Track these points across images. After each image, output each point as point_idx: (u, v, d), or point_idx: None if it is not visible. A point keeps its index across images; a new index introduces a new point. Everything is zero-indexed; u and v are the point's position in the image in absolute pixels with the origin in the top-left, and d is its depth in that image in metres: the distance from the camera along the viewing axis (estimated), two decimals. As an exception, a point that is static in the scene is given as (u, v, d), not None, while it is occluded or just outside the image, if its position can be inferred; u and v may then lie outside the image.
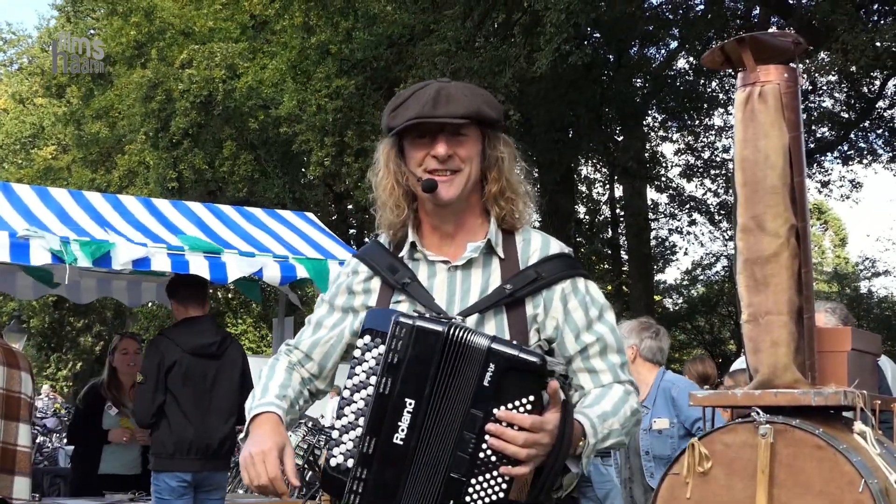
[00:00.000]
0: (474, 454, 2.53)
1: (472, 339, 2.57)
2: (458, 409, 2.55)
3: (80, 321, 35.88)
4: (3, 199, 7.65)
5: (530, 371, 2.53)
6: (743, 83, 4.57)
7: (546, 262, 2.89)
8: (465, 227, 2.95)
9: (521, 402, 2.53)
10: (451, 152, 2.87)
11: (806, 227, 4.50)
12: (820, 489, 4.06)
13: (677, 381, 6.61)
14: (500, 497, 2.53)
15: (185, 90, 19.55)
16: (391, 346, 2.61)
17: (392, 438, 2.57)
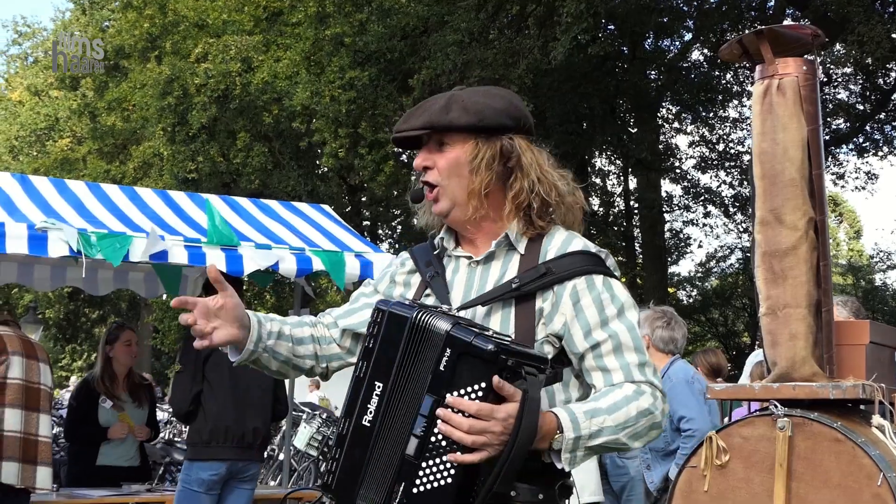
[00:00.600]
0: (426, 438, 2.54)
1: (433, 324, 2.58)
2: (418, 392, 2.57)
3: (94, 312, 35.98)
4: (21, 191, 7.68)
5: (482, 358, 2.51)
6: (761, 76, 4.56)
7: (561, 258, 2.86)
8: (483, 230, 2.96)
9: (472, 388, 2.52)
10: (428, 164, 2.92)
11: (824, 219, 4.49)
12: (838, 482, 4.06)
13: (675, 373, 6.59)
14: (447, 483, 2.52)
15: (201, 85, 19.56)
16: (369, 331, 2.69)
17: (362, 420, 2.63)
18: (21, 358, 6.98)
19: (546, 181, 2.92)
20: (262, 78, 18.78)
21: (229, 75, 19.35)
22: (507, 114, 2.93)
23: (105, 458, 8.09)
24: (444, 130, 2.89)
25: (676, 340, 6.76)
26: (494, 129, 2.90)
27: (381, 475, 2.58)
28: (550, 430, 2.60)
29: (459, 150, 2.89)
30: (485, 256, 2.92)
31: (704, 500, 4.36)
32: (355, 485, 2.63)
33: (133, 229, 7.42)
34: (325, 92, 17.48)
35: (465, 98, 2.93)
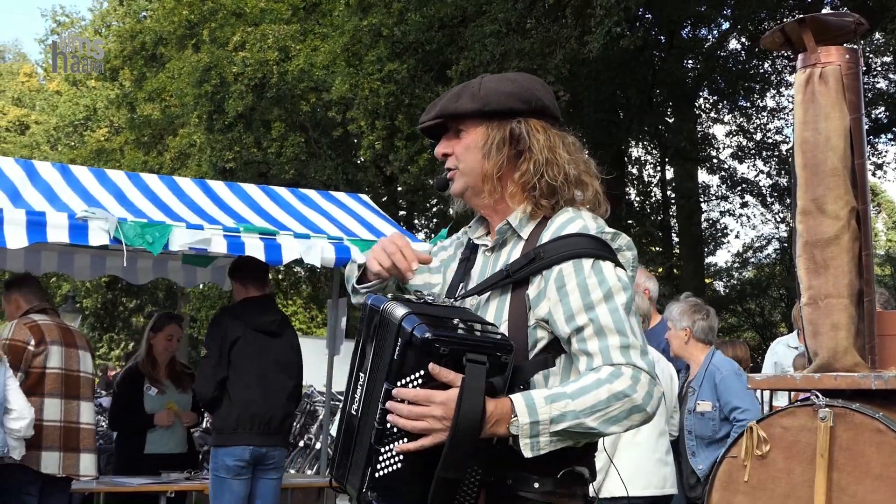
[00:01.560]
0: (382, 425, 2.60)
1: (392, 313, 2.64)
2: (380, 381, 2.63)
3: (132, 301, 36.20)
4: (61, 180, 7.73)
5: (419, 347, 2.55)
6: (803, 64, 4.54)
7: (554, 241, 2.83)
8: (497, 212, 3.02)
9: (413, 376, 2.57)
10: (447, 151, 3.01)
11: (867, 209, 4.47)
12: (879, 473, 4.04)
13: (722, 365, 6.62)
14: (399, 468, 2.59)
15: (238, 73, 19.62)
16: (360, 325, 2.78)
17: (350, 409, 2.73)
18: (60, 347, 7.03)
19: (556, 164, 2.92)
20: (298, 66, 18.81)
21: (266, 64, 19.39)
22: (516, 97, 2.95)
23: (152, 445, 8.15)
24: (451, 118, 2.98)
25: (714, 330, 6.81)
26: (503, 113, 2.94)
27: (359, 461, 2.66)
28: (505, 414, 2.58)
29: (472, 136, 2.96)
30: (495, 244, 2.99)
31: (744, 491, 4.35)
32: (345, 470, 2.73)
33: (172, 218, 7.46)
34: (364, 84, 17.49)
35: (479, 85, 2.99)
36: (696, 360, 6.69)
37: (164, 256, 9.23)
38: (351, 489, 2.69)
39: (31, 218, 6.77)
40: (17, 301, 7.25)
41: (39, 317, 7.10)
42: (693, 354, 6.70)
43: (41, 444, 6.85)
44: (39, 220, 6.79)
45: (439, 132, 3.05)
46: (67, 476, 7.07)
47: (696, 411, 6.51)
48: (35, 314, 7.13)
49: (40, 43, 42.38)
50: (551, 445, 2.61)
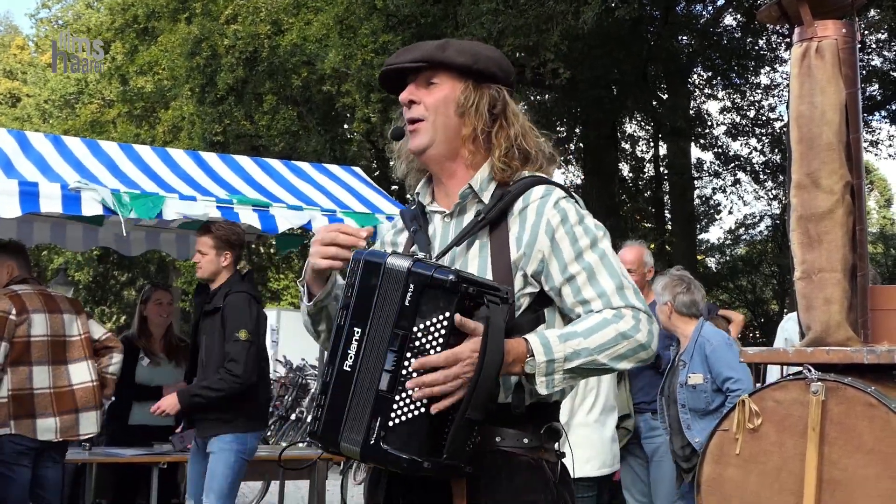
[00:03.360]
0: (396, 371, 2.59)
1: (398, 264, 2.65)
2: (387, 330, 2.62)
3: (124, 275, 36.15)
4: (54, 151, 7.71)
5: (444, 288, 2.57)
6: (800, 38, 4.53)
7: (516, 182, 2.91)
8: (455, 176, 2.99)
9: (437, 318, 2.58)
10: (415, 98, 2.94)
11: (861, 183, 4.47)
12: (871, 447, 4.05)
13: (712, 336, 6.64)
14: (421, 412, 2.58)
15: (230, 46, 19.53)
16: (348, 281, 2.75)
17: (343, 366, 2.69)
18: (43, 314, 7.03)
19: (529, 135, 2.96)
20: (290, 40, 18.73)
21: (258, 37, 19.31)
22: (497, 63, 2.97)
23: (140, 417, 8.14)
24: (439, 66, 2.92)
25: (697, 303, 6.83)
26: (486, 76, 2.93)
27: (360, 414, 2.63)
28: (521, 354, 2.63)
29: (449, 90, 2.92)
30: (456, 210, 2.96)
31: (736, 463, 4.36)
32: (339, 428, 2.68)
33: (166, 189, 7.45)
34: (358, 56, 17.42)
35: (461, 42, 2.98)
36: (683, 333, 6.71)
37: (156, 228, 9.22)
38: (350, 446, 2.66)
39: (24, 188, 6.76)
40: (9, 267, 7.23)
41: (20, 287, 7.09)
42: (679, 328, 6.73)
43: (34, 412, 6.87)
44: (32, 191, 6.79)
45: (398, 81, 3.01)
46: (65, 440, 7.09)
47: (687, 384, 6.53)
48: (16, 285, 7.12)
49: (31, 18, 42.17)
50: (564, 382, 2.69)
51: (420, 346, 2.59)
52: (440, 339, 2.58)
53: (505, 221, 2.86)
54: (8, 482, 6.84)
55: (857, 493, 4.04)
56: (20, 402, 6.82)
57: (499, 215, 2.85)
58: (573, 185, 28.63)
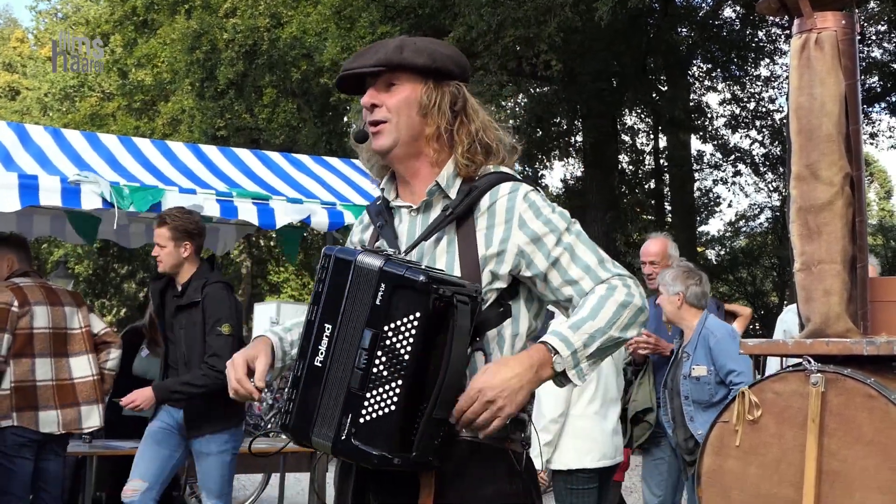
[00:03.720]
0: (367, 370, 2.64)
1: (369, 262, 2.70)
2: (359, 328, 2.67)
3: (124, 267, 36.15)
4: (54, 144, 7.71)
5: (414, 289, 2.62)
6: (799, 30, 4.53)
7: (481, 178, 2.96)
8: (419, 175, 3.02)
9: (408, 318, 2.63)
10: (376, 102, 2.95)
11: (860, 175, 4.46)
12: (871, 438, 4.05)
13: (716, 329, 6.63)
14: (391, 409, 2.62)
15: (229, 40, 19.52)
16: (318, 277, 2.80)
17: (314, 361, 2.75)
18: (45, 307, 7.03)
19: (490, 128, 3.00)
20: (290, 33, 18.72)
21: (257, 30, 19.30)
22: (453, 60, 3.00)
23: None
24: (398, 69, 2.94)
25: (707, 295, 6.83)
26: (444, 74, 2.96)
27: (331, 410, 2.69)
28: (546, 358, 2.71)
29: (409, 91, 2.94)
30: (422, 205, 2.99)
31: (736, 455, 4.37)
32: (310, 423, 2.73)
33: (165, 183, 7.44)
34: (356, 47, 17.41)
35: (417, 42, 2.99)
36: (689, 325, 6.70)
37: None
38: (321, 440, 2.71)
39: (24, 181, 6.76)
40: (10, 260, 7.23)
41: (21, 280, 7.10)
42: (685, 319, 6.72)
43: (37, 405, 6.88)
44: (32, 184, 6.78)
45: (354, 87, 3.03)
46: (68, 433, 7.09)
47: (691, 376, 6.52)
48: (17, 277, 7.12)
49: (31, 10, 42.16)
50: (591, 368, 2.78)
51: (391, 346, 2.64)
52: (411, 338, 2.63)
53: (472, 217, 2.91)
54: (9, 474, 6.85)
55: (857, 483, 4.05)
56: (23, 394, 6.82)
57: (466, 211, 2.90)
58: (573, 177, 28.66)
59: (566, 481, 6.39)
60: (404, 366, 2.62)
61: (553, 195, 30.14)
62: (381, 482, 2.83)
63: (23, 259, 7.26)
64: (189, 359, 6.56)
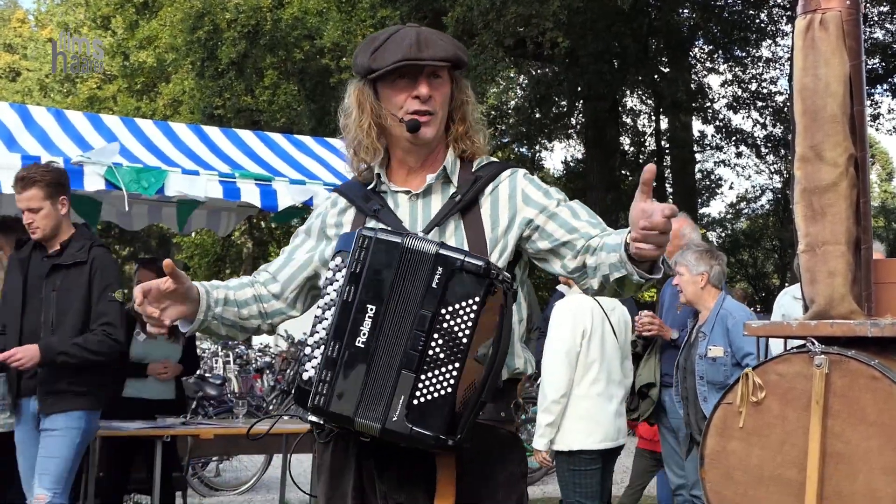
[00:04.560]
0: (423, 352, 2.68)
1: (423, 246, 2.74)
2: (411, 310, 2.71)
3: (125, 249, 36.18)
4: (56, 125, 7.70)
5: (474, 273, 2.69)
6: (804, 10, 4.51)
7: (482, 167, 3.08)
8: (427, 161, 3.09)
9: (466, 302, 2.69)
10: (430, 94, 3.00)
11: (865, 156, 4.45)
12: (874, 419, 4.05)
13: (734, 310, 6.62)
14: (447, 392, 2.67)
15: (232, 20, 19.48)
16: (354, 258, 2.78)
17: (355, 342, 2.73)
18: None
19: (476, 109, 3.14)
20: (291, 14, 18.69)
21: (259, 10, 19.26)
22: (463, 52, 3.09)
23: (137, 390, 8.11)
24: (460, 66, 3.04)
25: (725, 275, 6.83)
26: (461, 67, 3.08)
27: (380, 392, 2.70)
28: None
29: (446, 84, 3.04)
30: (424, 190, 3.05)
31: (739, 436, 4.37)
32: (354, 404, 2.72)
33: (167, 163, 7.44)
34: (357, 31, 17.39)
35: (449, 38, 3.08)
36: (706, 305, 6.67)
37: (158, 202, 9.20)
38: (368, 422, 2.70)
39: (26, 163, 6.75)
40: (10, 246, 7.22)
41: None
42: (705, 300, 6.68)
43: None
44: (34, 165, 6.77)
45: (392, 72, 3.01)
46: None
47: (707, 357, 6.50)
48: None
49: (31, -10, 42.13)
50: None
51: (448, 328, 2.69)
52: (469, 322, 2.68)
53: (476, 203, 3.01)
54: None
55: (860, 465, 4.05)
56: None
57: (473, 197, 3.00)
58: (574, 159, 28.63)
59: (568, 462, 6.40)
60: (461, 348, 2.68)
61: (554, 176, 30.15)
62: (388, 469, 2.85)
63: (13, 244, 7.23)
64: (59, 324, 5.95)
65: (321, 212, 3.21)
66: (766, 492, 4.25)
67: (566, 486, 6.50)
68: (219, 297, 3.09)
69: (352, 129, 3.05)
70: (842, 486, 4.07)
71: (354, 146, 3.07)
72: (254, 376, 18.20)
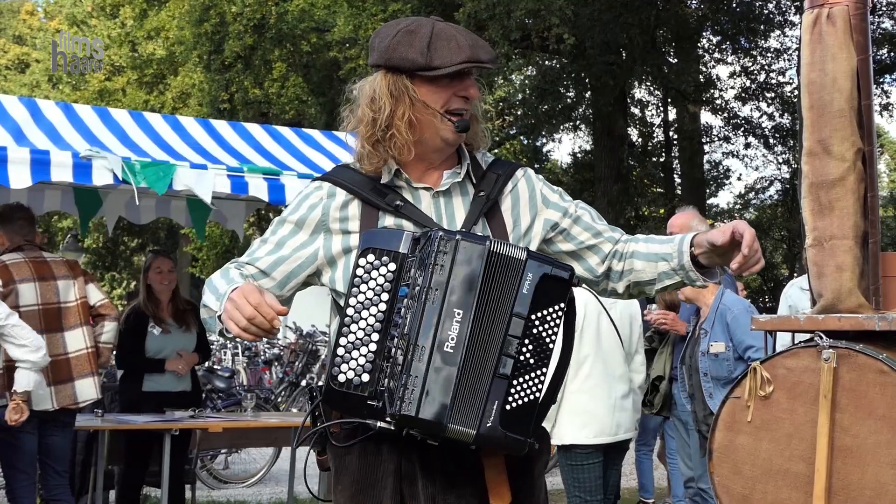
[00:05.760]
0: (517, 357, 2.72)
1: (511, 252, 2.78)
2: (502, 315, 2.73)
3: (134, 241, 36.24)
4: (65, 119, 7.71)
5: (561, 280, 2.79)
6: (811, 5, 4.51)
7: (493, 164, 3.13)
8: (448, 160, 3.09)
9: (555, 308, 2.78)
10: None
11: (873, 150, 4.45)
12: (883, 414, 4.06)
13: (733, 304, 6.61)
14: (536, 395, 2.75)
15: (238, 13, 19.48)
16: (434, 261, 2.73)
17: (443, 347, 2.71)
18: (32, 283, 7.00)
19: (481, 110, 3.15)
20: (298, 6, 18.68)
21: (266, 3, 19.26)
22: None
23: (155, 384, 8.14)
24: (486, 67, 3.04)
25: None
26: None
27: (472, 397, 2.70)
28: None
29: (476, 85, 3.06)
30: (446, 189, 3.04)
31: (747, 431, 4.37)
32: (445, 409, 2.69)
33: (176, 158, 7.45)
34: (367, 24, 17.38)
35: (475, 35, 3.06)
36: (706, 302, 6.66)
37: (166, 196, 9.21)
38: (462, 428, 2.69)
39: (35, 157, 6.77)
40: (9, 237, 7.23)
41: (10, 256, 7.08)
42: (705, 296, 6.66)
43: None
44: (43, 160, 6.79)
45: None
46: (64, 408, 7.06)
47: (709, 353, 6.50)
48: (10, 253, 7.11)
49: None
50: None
51: (538, 334, 2.75)
52: (556, 328, 2.77)
53: (498, 201, 3.05)
54: (14, 449, 6.84)
55: (869, 459, 4.05)
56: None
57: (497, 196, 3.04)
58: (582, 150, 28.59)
59: (566, 457, 6.42)
60: (548, 353, 2.76)
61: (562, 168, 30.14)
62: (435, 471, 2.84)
63: (15, 233, 7.23)
64: None
65: (316, 203, 3.04)
66: (774, 486, 4.25)
67: (566, 481, 6.51)
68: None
69: (381, 121, 2.95)
70: (850, 480, 4.07)
71: (379, 138, 2.97)
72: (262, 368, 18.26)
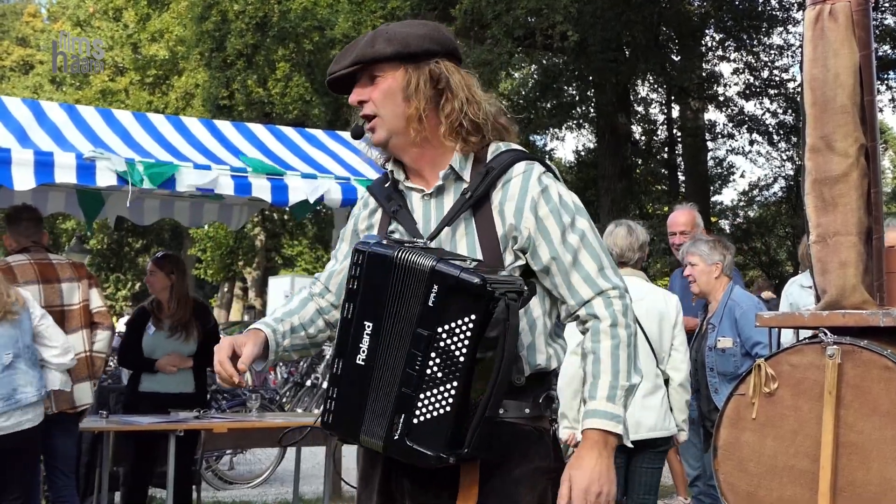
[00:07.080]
0: (422, 371, 2.65)
1: (417, 261, 2.69)
2: (408, 328, 2.68)
3: (138, 242, 36.26)
4: (69, 120, 7.71)
5: (470, 292, 2.61)
6: (813, 1, 4.50)
7: (496, 157, 2.98)
8: (426, 158, 3.02)
9: (462, 321, 2.63)
10: (362, 98, 2.99)
11: (875, 146, 4.45)
12: (887, 410, 4.05)
13: (742, 300, 6.61)
14: (446, 411, 2.64)
15: (240, 11, 19.48)
16: (351, 273, 2.76)
17: (355, 359, 2.73)
18: (37, 285, 7.00)
19: (475, 102, 2.98)
20: (300, 4, 18.68)
21: (268, 2, 19.26)
22: (430, 39, 3.00)
23: (158, 385, 8.13)
24: (371, 62, 2.96)
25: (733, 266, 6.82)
26: (421, 55, 2.97)
27: (381, 410, 2.70)
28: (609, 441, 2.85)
29: (391, 80, 2.96)
30: (436, 189, 2.99)
31: (752, 428, 4.37)
32: (358, 421, 2.73)
33: (179, 158, 7.45)
34: (367, 22, 17.39)
35: (389, 31, 3.00)
36: (717, 296, 6.65)
37: (170, 197, 9.22)
38: (372, 440, 2.72)
39: (39, 158, 6.77)
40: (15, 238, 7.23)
41: (16, 258, 7.07)
42: (717, 290, 6.66)
43: None
44: (47, 161, 6.80)
45: (348, 83, 3.03)
46: (62, 412, 7.05)
47: (716, 348, 6.48)
48: (16, 255, 7.10)
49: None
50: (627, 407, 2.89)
51: (445, 348, 2.64)
52: (466, 341, 2.63)
53: (488, 198, 2.93)
54: None
55: (874, 455, 4.05)
56: None
57: (483, 194, 2.92)
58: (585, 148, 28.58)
59: None
60: (459, 367, 2.63)
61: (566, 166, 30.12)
62: (414, 469, 2.84)
63: (21, 234, 7.23)
64: None
65: (355, 213, 3.19)
66: (779, 482, 4.25)
67: None
68: (285, 330, 3.10)
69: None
70: (855, 477, 4.07)
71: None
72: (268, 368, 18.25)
